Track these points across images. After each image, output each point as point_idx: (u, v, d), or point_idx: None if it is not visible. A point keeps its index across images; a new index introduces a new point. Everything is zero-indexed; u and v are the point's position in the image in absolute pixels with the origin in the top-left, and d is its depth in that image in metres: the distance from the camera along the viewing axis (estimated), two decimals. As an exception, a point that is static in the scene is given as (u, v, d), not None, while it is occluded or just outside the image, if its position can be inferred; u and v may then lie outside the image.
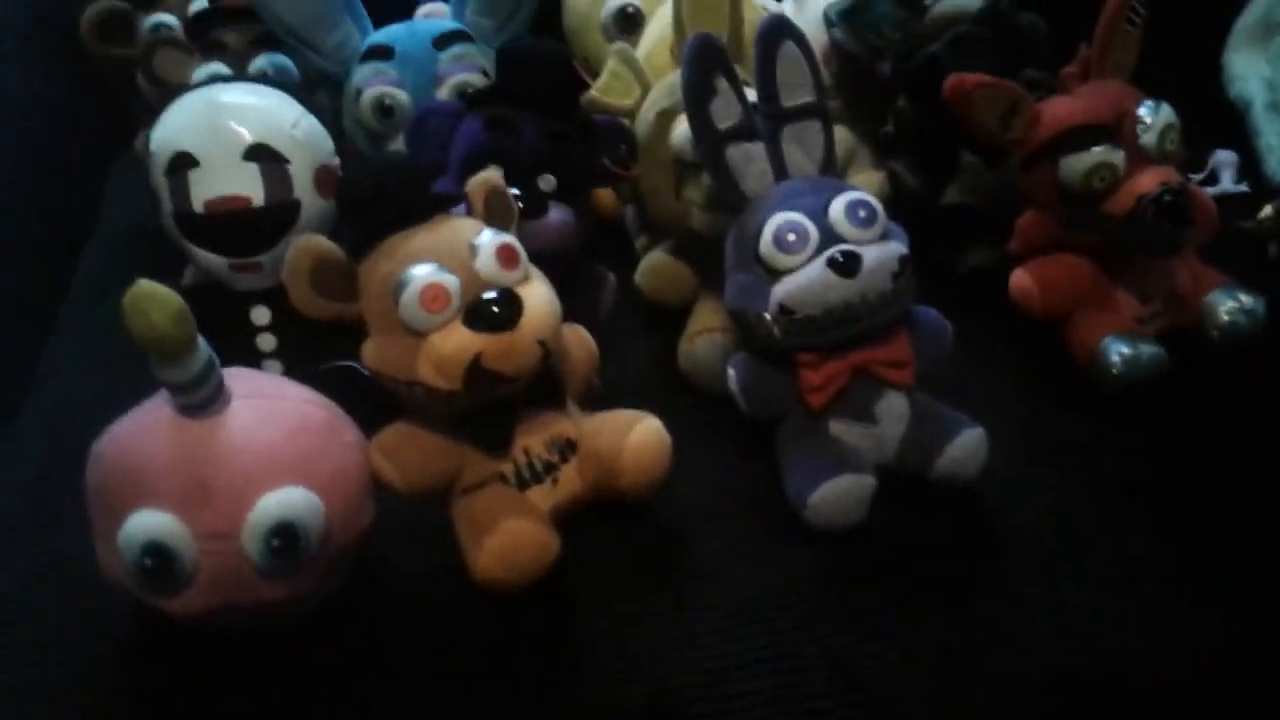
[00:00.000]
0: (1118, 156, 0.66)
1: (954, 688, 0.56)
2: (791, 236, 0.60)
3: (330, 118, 0.73)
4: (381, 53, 0.80)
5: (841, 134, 0.84)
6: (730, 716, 0.55)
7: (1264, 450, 0.67)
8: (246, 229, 0.64)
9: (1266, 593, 0.59)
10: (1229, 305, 0.69)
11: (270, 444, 0.53)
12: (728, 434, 0.68)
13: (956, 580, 0.61)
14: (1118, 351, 0.67)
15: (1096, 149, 0.66)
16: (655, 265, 0.76)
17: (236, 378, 0.55)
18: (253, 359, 0.66)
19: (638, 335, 0.78)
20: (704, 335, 0.71)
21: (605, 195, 0.79)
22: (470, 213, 0.59)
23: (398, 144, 0.77)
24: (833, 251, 0.59)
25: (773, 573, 0.61)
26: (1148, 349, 0.67)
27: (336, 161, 0.67)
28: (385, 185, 0.57)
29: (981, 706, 0.56)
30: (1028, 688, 0.56)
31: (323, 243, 0.56)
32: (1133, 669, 0.56)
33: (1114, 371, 0.67)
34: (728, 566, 0.61)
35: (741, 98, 0.63)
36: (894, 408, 0.63)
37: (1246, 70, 0.92)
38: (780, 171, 0.64)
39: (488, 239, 0.56)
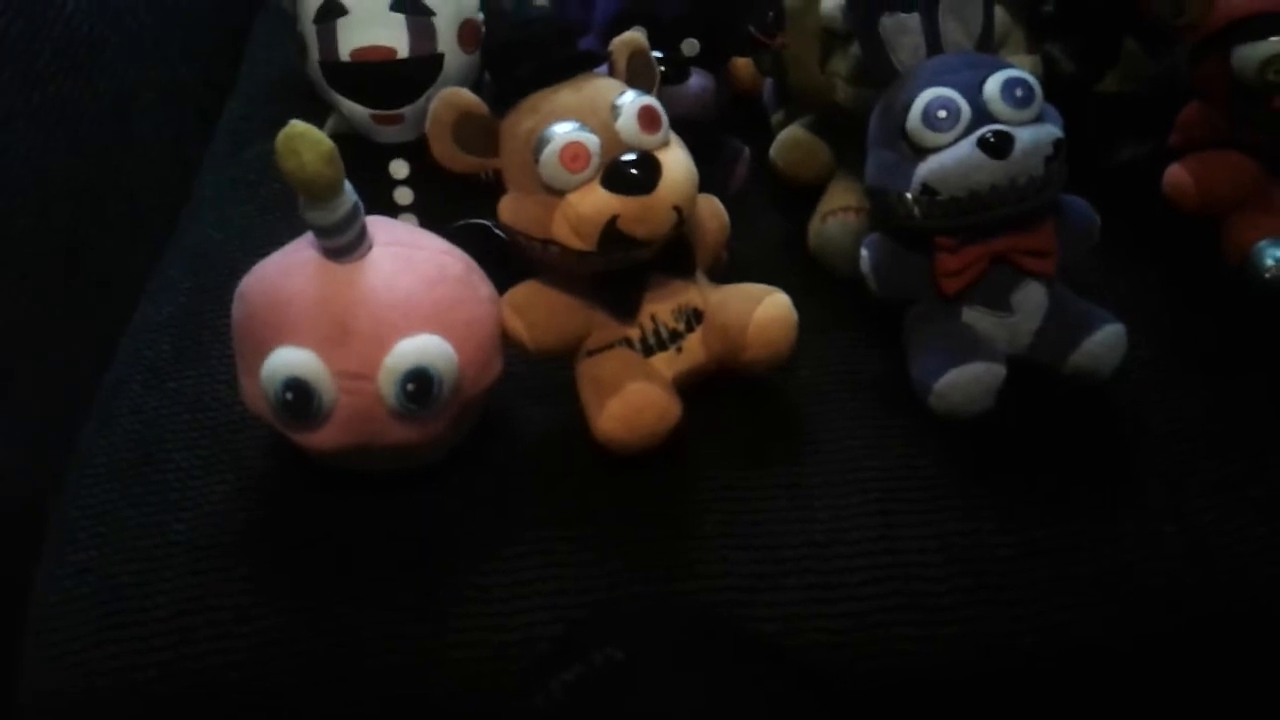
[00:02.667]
0: (1298, 46, 0.62)
1: (1067, 585, 0.56)
2: (942, 113, 0.58)
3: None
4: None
5: (998, 12, 0.80)
6: (837, 589, 0.56)
7: None
8: (390, 80, 0.64)
9: None
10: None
11: (409, 291, 0.54)
12: (855, 316, 0.68)
13: (1079, 479, 0.60)
14: (1273, 255, 0.64)
15: (1274, 38, 0.62)
16: (792, 140, 0.74)
17: (379, 226, 0.56)
18: (389, 212, 0.67)
19: (769, 211, 0.77)
20: (837, 215, 0.70)
21: (744, 66, 0.77)
22: (613, 73, 0.59)
23: (543, 0, 0.76)
24: (984, 131, 0.57)
25: (891, 456, 0.61)
26: (1307, 254, 0.64)
27: (480, 17, 0.66)
28: (530, 40, 0.57)
29: (1093, 607, 0.55)
30: (1141, 592, 0.55)
31: (467, 95, 0.56)
32: (1253, 594, 0.55)
33: (1267, 275, 0.64)
34: (846, 447, 0.61)
35: (899, -35, 0.61)
36: (1032, 298, 0.61)
37: None
38: (935, 45, 0.61)
39: (630, 100, 0.55)
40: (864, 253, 0.63)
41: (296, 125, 0.50)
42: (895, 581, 0.56)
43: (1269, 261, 0.64)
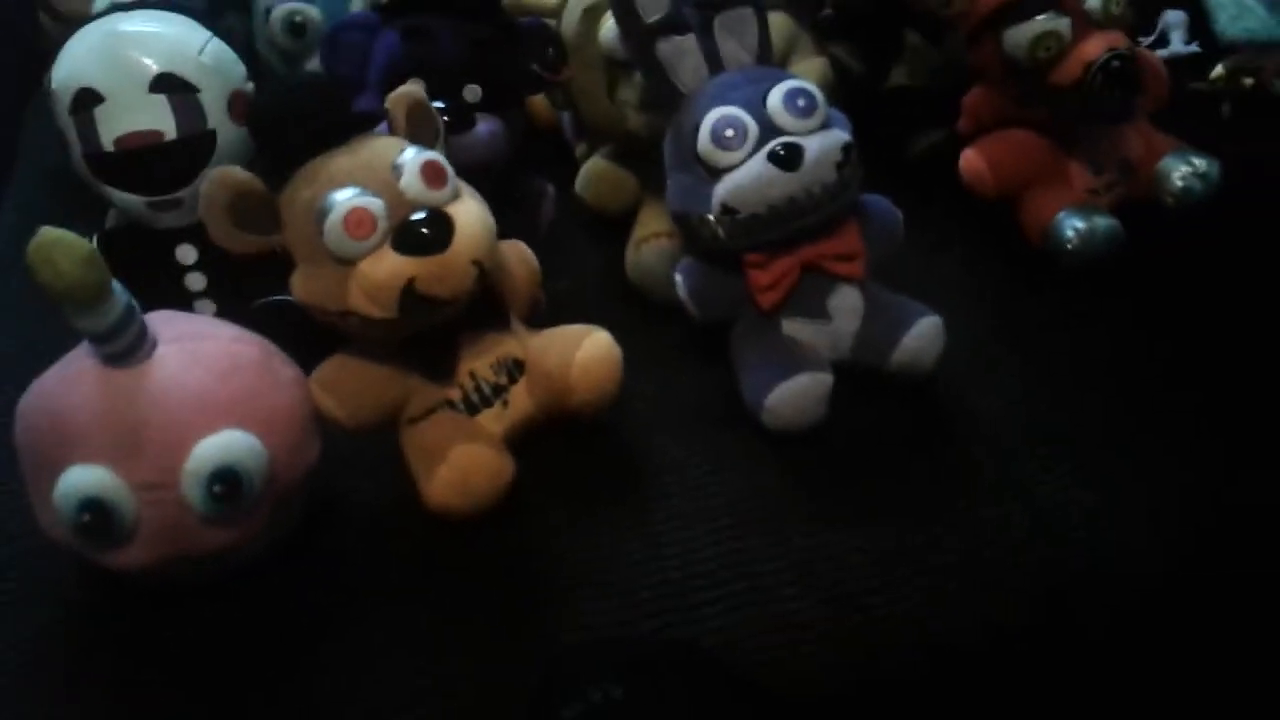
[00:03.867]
0: (1062, 24, 0.64)
1: (922, 585, 0.55)
2: (730, 132, 0.58)
3: (242, 41, 0.70)
4: (286, -32, 0.77)
5: (780, 21, 0.81)
6: (699, 625, 0.54)
7: (1225, 319, 0.66)
8: (161, 164, 0.61)
9: (1237, 475, 0.58)
10: (1182, 170, 0.68)
11: (202, 387, 0.51)
12: (681, 341, 0.67)
13: (920, 475, 0.60)
14: (1072, 226, 0.66)
15: (1040, 17, 0.64)
16: (596, 172, 0.73)
17: (161, 321, 0.53)
18: (184, 300, 0.64)
19: (583, 246, 0.76)
20: (650, 242, 0.69)
21: (539, 103, 0.76)
22: (392, 130, 0.56)
23: (314, 63, 0.74)
24: (773, 145, 0.57)
25: (734, 479, 0.60)
26: (1102, 221, 0.66)
27: (250, 86, 0.64)
28: (298, 106, 0.54)
29: (951, 603, 0.55)
30: (997, 582, 0.55)
31: (238, 173, 0.53)
32: (1103, 561, 0.56)
33: (1069, 247, 0.66)
34: (688, 476, 0.60)
35: (669, -12, 0.60)
36: (847, 302, 0.61)
37: (1193, -74, 0.89)
38: (715, 64, 0.61)
39: (411, 157, 0.53)
40: (678, 279, 0.62)
41: (48, 233, 0.46)
42: (753, 608, 0.55)
43: (1069, 233, 0.66)
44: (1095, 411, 0.62)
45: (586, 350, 0.58)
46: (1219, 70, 0.80)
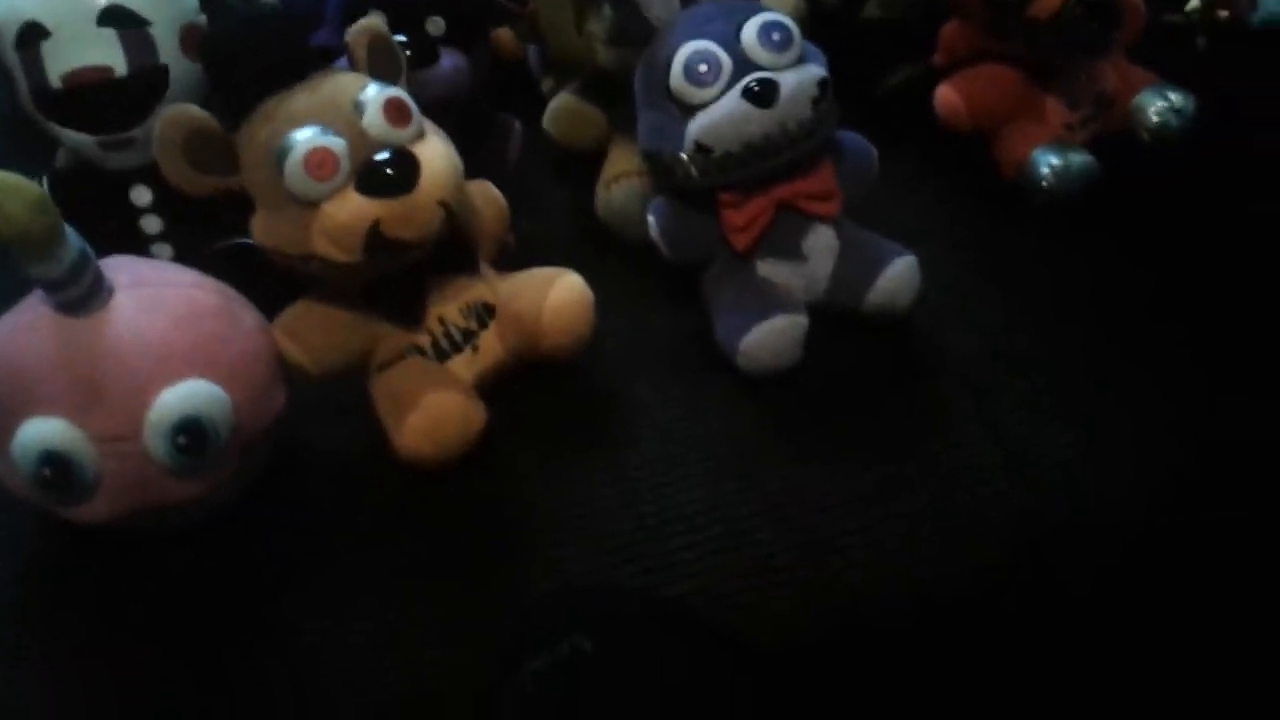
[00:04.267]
0: (1042, -46, 0.62)
1: (897, 526, 0.55)
2: (703, 67, 0.56)
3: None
4: (237, -101, 0.73)
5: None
6: (675, 569, 0.54)
7: (1203, 252, 0.65)
8: (111, 102, 0.59)
9: (1219, 406, 0.58)
10: (1159, 105, 0.67)
11: (162, 335, 0.50)
12: (653, 282, 0.66)
13: (896, 416, 0.59)
14: (1047, 163, 0.65)
15: (1021, -51, 0.62)
16: (564, 108, 0.71)
17: (118, 268, 0.51)
18: (140, 244, 0.62)
19: (553, 184, 0.74)
20: (621, 181, 0.68)
21: (504, 35, 0.74)
22: (353, 66, 0.54)
23: (271, -3, 0.71)
24: (748, 80, 0.56)
25: (709, 423, 0.59)
26: (1077, 158, 0.65)
27: (204, 19, 0.61)
28: (253, 41, 0.52)
29: (926, 543, 0.55)
30: (971, 523, 0.55)
31: (192, 111, 0.51)
32: (1079, 505, 0.56)
33: (1044, 184, 0.65)
34: (662, 420, 0.60)
35: (638, -84, 0.58)
36: (822, 241, 0.60)
37: None
38: (687, -5, 0.59)
39: (373, 94, 0.52)
40: (651, 219, 0.61)
41: (-3, 176, 0.44)
42: (729, 553, 0.54)
43: (1044, 170, 0.65)
44: (1074, 345, 0.62)
45: (557, 293, 0.57)
46: (1194, 3, 0.79)
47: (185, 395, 0.49)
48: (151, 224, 0.62)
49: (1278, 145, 0.70)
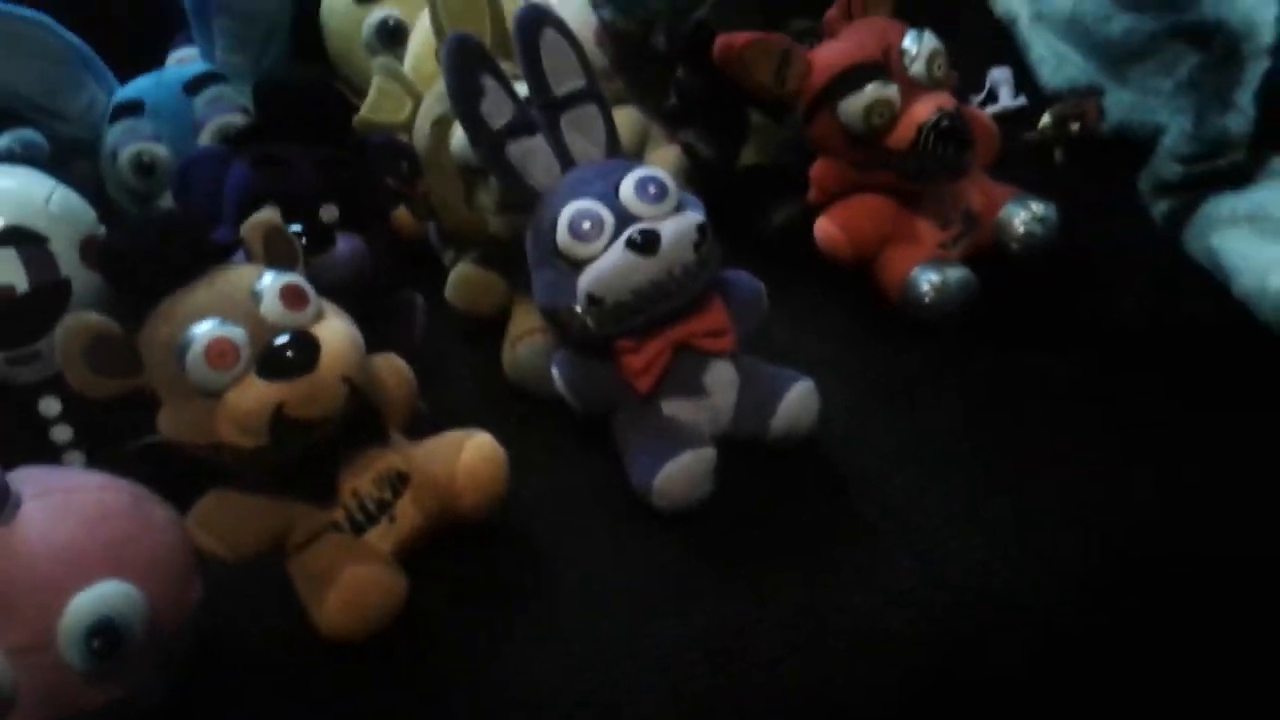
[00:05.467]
0: (891, 90, 0.67)
1: (827, 646, 0.56)
2: (586, 224, 0.59)
3: (93, 186, 0.69)
4: (131, 108, 0.77)
5: (630, 114, 0.84)
6: (615, 714, 0.54)
7: (1086, 353, 0.68)
8: (14, 319, 0.60)
9: (1115, 509, 0.60)
10: (1023, 215, 0.71)
11: (71, 539, 0.50)
12: (566, 434, 0.67)
13: (814, 537, 0.60)
14: (926, 280, 0.68)
15: (869, 87, 0.67)
16: (464, 277, 0.74)
17: (23, 479, 0.51)
18: (51, 454, 0.62)
19: (460, 350, 0.76)
20: (525, 339, 0.70)
21: (403, 215, 0.77)
22: (250, 258, 0.56)
23: (166, 201, 0.74)
24: (630, 232, 0.58)
25: (633, 564, 0.60)
26: (954, 273, 0.68)
27: (103, 230, 0.63)
28: (148, 243, 0.54)
29: (853, 659, 0.56)
30: (896, 635, 0.56)
31: (92, 318, 0.53)
32: (994, 605, 0.57)
33: (926, 300, 0.68)
34: (587, 567, 0.60)
35: (512, 93, 0.62)
36: (722, 376, 0.62)
37: (1007, -13, 0.95)
38: (566, 161, 0.62)
39: (269, 282, 0.53)
40: (555, 372, 0.63)
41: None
42: (667, 690, 0.55)
43: (924, 287, 0.68)
44: (974, 453, 0.64)
45: (469, 454, 0.59)
46: (1046, 119, 0.84)
47: (97, 597, 0.48)
48: (62, 433, 0.63)
49: (1132, 239, 0.75)
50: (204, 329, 0.52)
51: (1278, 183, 0.73)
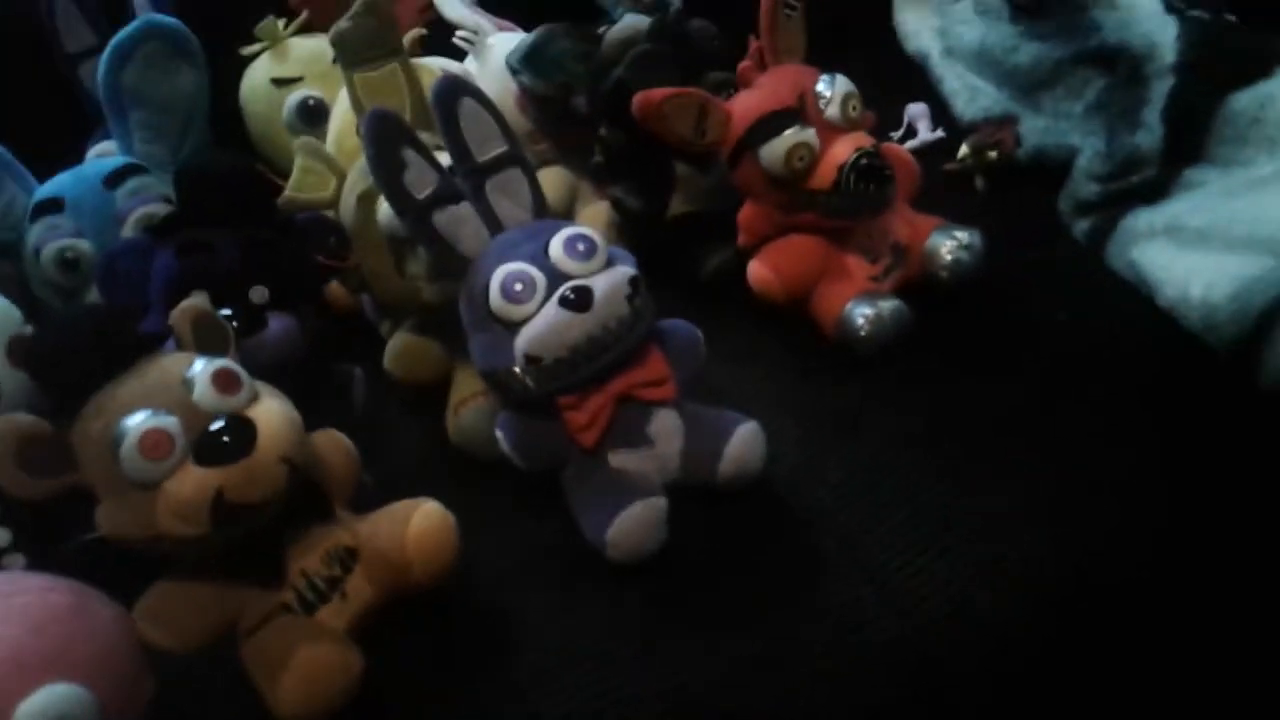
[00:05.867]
0: (809, 134, 0.68)
1: (791, 685, 0.56)
2: (518, 286, 0.59)
3: (16, 286, 0.68)
4: (51, 206, 0.77)
5: (558, 174, 0.85)
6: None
7: (1026, 375, 0.69)
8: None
9: (1068, 526, 0.61)
10: (949, 244, 0.72)
11: (15, 645, 0.48)
12: (515, 495, 0.67)
13: (771, 576, 0.61)
14: (861, 314, 0.69)
15: (787, 132, 0.68)
16: (402, 346, 0.74)
17: (-39, 587, 0.50)
18: (-9, 561, 0.61)
19: (403, 421, 0.76)
20: (468, 403, 0.70)
21: (337, 290, 0.77)
22: (180, 346, 0.56)
23: (93, 296, 0.73)
24: (563, 290, 0.59)
25: (592, 619, 0.60)
26: (887, 304, 0.69)
27: (29, 329, 0.63)
28: (74, 339, 0.53)
29: (819, 693, 0.56)
30: (859, 667, 0.56)
31: (21, 419, 0.52)
32: (954, 628, 0.57)
33: (862, 334, 0.69)
34: (545, 627, 0.60)
35: (434, 163, 0.62)
36: (666, 424, 0.63)
37: (918, 26, 0.98)
38: (494, 225, 0.63)
39: (201, 369, 0.53)
40: (499, 434, 0.63)
41: None
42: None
43: (859, 320, 0.69)
44: (924, 479, 0.64)
45: (417, 523, 0.58)
46: (965, 149, 0.86)
47: (45, 701, 0.47)
48: (0, 537, 0.61)
49: (1056, 259, 0.77)
50: (136, 421, 0.51)
51: (1191, 194, 0.76)
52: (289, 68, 0.90)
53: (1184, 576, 0.60)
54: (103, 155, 0.83)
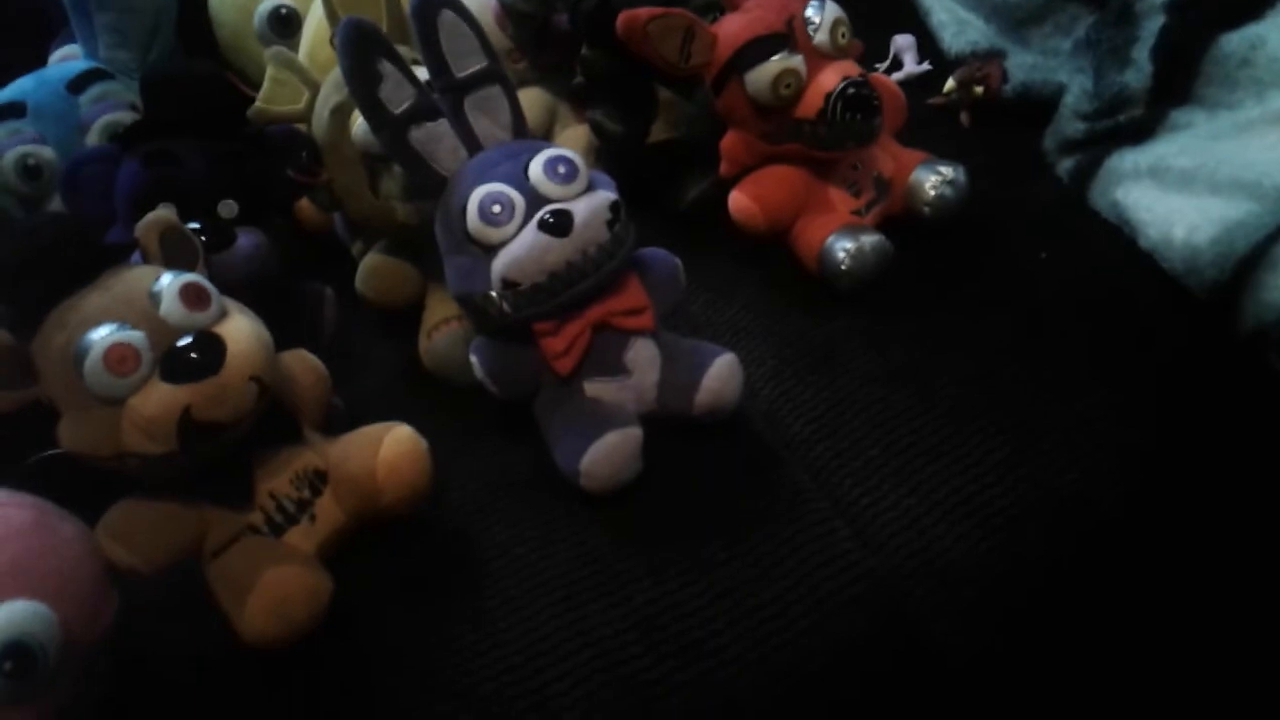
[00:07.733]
0: (796, 60, 0.67)
1: (765, 618, 0.56)
2: (496, 208, 0.58)
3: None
4: (12, 110, 0.74)
5: (537, 94, 0.83)
6: (551, 703, 0.53)
7: (1004, 313, 0.69)
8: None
9: (1043, 465, 0.60)
10: (933, 179, 0.71)
11: (-27, 562, 0.47)
12: (489, 422, 0.66)
13: (745, 509, 0.60)
14: (842, 248, 0.68)
15: (775, 58, 0.66)
16: (374, 268, 0.72)
17: (-81, 502, 0.49)
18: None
19: (375, 343, 0.74)
20: (441, 328, 0.69)
21: (307, 206, 0.75)
22: (146, 259, 0.54)
23: (56, 204, 0.71)
24: (542, 213, 0.57)
25: (564, 549, 0.59)
26: (869, 239, 0.68)
27: (-10, 240, 0.60)
28: (36, 249, 0.51)
29: (794, 628, 0.56)
30: (835, 599, 0.56)
31: (-20, 331, 0.50)
32: (929, 565, 0.57)
33: (843, 267, 0.68)
34: (518, 556, 0.59)
35: (411, 77, 0.60)
36: (643, 354, 0.62)
37: (907, -45, 0.96)
38: (471, 144, 0.61)
39: (168, 283, 0.52)
40: (474, 359, 0.62)
41: None
42: (602, 674, 0.54)
43: (840, 254, 0.68)
44: (900, 419, 0.64)
45: (389, 448, 0.57)
46: (951, 84, 0.85)
47: (6, 618, 0.46)
48: (-41, 454, 0.60)
49: (1040, 197, 0.76)
50: (101, 335, 0.50)
51: (1177, 135, 0.75)
52: (261, -28, 0.87)
53: (1161, 518, 0.60)
54: (66, 59, 0.80)
